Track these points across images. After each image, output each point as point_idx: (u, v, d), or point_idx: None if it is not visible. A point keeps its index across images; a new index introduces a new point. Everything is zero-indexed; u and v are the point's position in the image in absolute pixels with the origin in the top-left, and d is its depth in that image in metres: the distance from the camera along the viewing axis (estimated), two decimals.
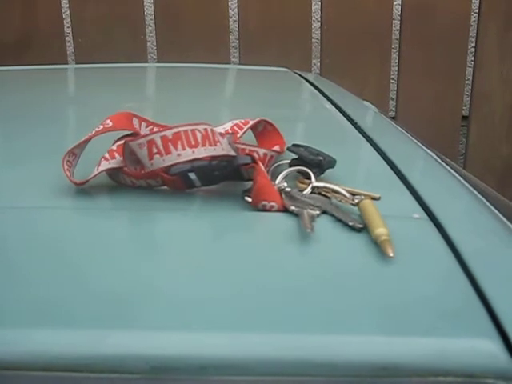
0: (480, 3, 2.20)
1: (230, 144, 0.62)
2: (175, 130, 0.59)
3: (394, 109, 2.31)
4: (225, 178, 0.60)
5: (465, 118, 2.32)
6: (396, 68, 2.26)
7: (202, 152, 0.59)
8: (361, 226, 0.54)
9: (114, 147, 0.63)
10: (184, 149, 0.59)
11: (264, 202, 0.58)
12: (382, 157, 0.76)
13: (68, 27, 2.13)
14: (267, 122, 0.74)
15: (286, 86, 1.30)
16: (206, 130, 0.60)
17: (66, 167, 0.60)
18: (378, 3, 2.17)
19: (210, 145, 0.60)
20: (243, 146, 0.65)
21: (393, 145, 0.84)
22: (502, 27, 2.20)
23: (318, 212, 0.57)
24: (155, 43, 2.17)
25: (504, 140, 2.29)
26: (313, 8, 2.18)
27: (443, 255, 0.52)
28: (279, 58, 2.03)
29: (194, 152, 0.59)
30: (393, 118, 2.26)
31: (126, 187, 0.61)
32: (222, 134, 0.63)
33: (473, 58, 2.27)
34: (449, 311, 0.45)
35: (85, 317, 0.40)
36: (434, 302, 0.46)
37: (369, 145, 0.81)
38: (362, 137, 0.85)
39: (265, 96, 1.13)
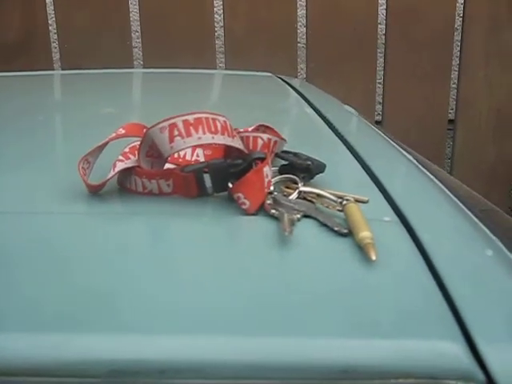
0: (464, 7, 2.21)
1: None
2: (197, 115, 0.60)
3: (380, 113, 2.32)
4: (239, 176, 0.60)
5: (451, 121, 2.33)
6: (382, 72, 2.27)
7: (221, 139, 0.60)
8: (345, 230, 0.54)
9: (127, 149, 0.64)
10: (204, 133, 0.59)
11: (239, 195, 0.58)
12: (358, 161, 0.76)
13: (54, 33, 2.13)
14: (265, 126, 0.74)
15: (268, 91, 1.30)
16: (225, 121, 0.61)
17: (81, 172, 0.60)
18: (363, 8, 2.18)
19: (229, 136, 0.61)
20: (247, 134, 0.67)
21: (369, 149, 0.84)
22: (486, 31, 2.21)
23: (298, 216, 0.57)
24: (141, 49, 2.17)
25: (490, 143, 2.30)
26: (298, 13, 2.19)
27: (411, 257, 0.52)
28: (266, 62, 2.04)
29: (213, 138, 0.60)
30: (379, 123, 2.27)
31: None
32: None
33: (458, 62, 2.28)
34: (413, 313, 0.45)
35: (48, 319, 0.40)
36: (398, 304, 0.46)
37: (345, 149, 0.82)
38: (339, 141, 0.85)
39: (246, 101, 1.13)
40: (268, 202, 0.59)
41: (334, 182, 0.65)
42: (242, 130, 0.72)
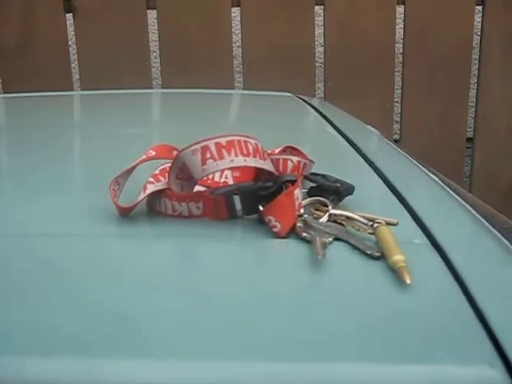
0: (482, 25, 2.21)
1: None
2: (229, 138, 0.60)
3: (398, 131, 2.32)
4: (269, 199, 0.60)
5: (469, 139, 2.32)
6: (400, 91, 2.27)
7: (253, 162, 0.61)
8: (378, 254, 0.54)
9: (157, 171, 0.64)
10: (237, 155, 0.59)
11: (270, 218, 0.58)
12: (384, 182, 0.76)
13: (74, 54, 2.15)
14: (292, 147, 0.74)
15: (289, 112, 1.30)
16: (256, 144, 0.62)
17: (112, 194, 0.61)
18: (381, 27, 2.18)
19: (260, 158, 0.61)
20: (277, 156, 0.67)
21: (395, 170, 0.84)
22: (504, 48, 2.21)
23: (330, 239, 0.57)
24: (160, 69, 2.19)
25: (509, 161, 2.29)
26: (316, 32, 2.19)
27: (444, 280, 0.52)
28: (283, 82, 2.04)
29: (245, 160, 0.60)
30: (397, 141, 2.27)
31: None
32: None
33: (476, 80, 2.28)
34: (449, 338, 0.45)
35: (83, 342, 0.40)
36: (433, 328, 0.46)
37: (371, 170, 0.82)
38: (364, 162, 0.85)
39: (268, 121, 1.13)
40: (299, 224, 0.59)
41: (362, 204, 0.65)
42: (269, 151, 0.72)
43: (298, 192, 0.61)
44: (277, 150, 0.73)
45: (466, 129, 2.31)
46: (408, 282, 0.50)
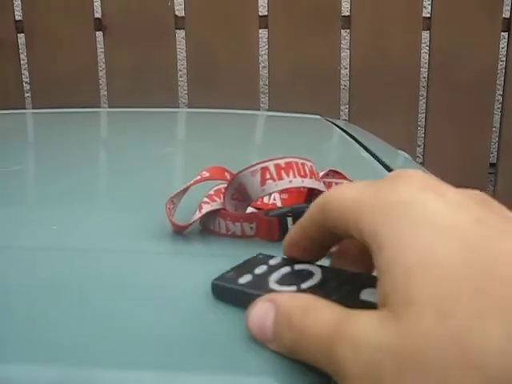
0: (507, 51, 2.23)
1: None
2: (287, 159, 0.62)
3: (421, 156, 2.33)
4: None
5: (492, 165, 2.33)
6: (423, 115, 2.28)
7: (310, 183, 0.62)
8: None
9: (212, 192, 0.66)
10: (295, 177, 0.61)
11: None
12: None
13: (101, 70, 2.19)
14: (335, 171, 0.76)
15: (320, 133, 1.32)
16: (311, 166, 0.63)
17: (168, 212, 0.62)
18: (406, 51, 2.20)
19: (315, 180, 0.63)
20: (330, 180, 0.69)
21: None
22: None
23: None
24: (186, 88, 2.21)
25: None
26: (341, 55, 2.21)
27: None
28: (308, 103, 2.06)
29: (303, 181, 0.62)
30: (420, 165, 2.28)
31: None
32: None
33: (500, 105, 2.28)
34: None
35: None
36: None
37: None
38: None
39: (301, 143, 1.15)
40: None
41: None
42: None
43: None
44: (321, 174, 0.74)
45: (489, 154, 2.32)
46: None
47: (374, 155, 1.06)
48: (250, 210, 0.64)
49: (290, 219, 0.61)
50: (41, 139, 1.21)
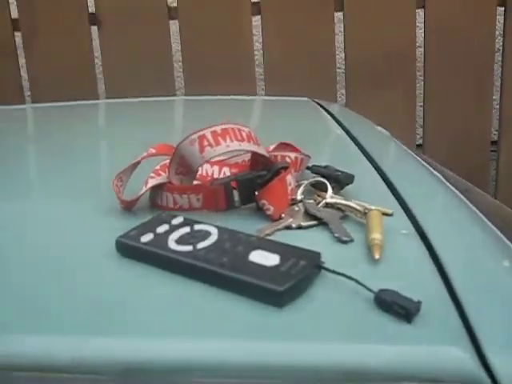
0: (504, 26, 2.20)
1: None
2: (223, 126, 0.64)
3: (421, 136, 2.31)
4: (264, 186, 0.64)
5: (494, 142, 2.31)
6: (422, 95, 2.26)
7: (248, 146, 0.64)
8: (347, 239, 0.57)
9: (158, 167, 0.68)
10: (232, 141, 0.63)
11: (264, 202, 0.62)
12: (383, 178, 0.78)
13: (97, 61, 2.20)
14: (286, 143, 0.77)
15: (302, 115, 1.32)
16: (249, 131, 0.65)
17: (115, 189, 0.64)
18: (401, 30, 2.18)
19: (254, 143, 0.65)
20: (275, 153, 0.71)
21: (397, 168, 0.86)
22: None
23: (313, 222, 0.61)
24: (183, 78, 2.22)
25: None
26: (336, 38, 2.20)
27: (423, 264, 0.54)
28: (305, 88, 2.05)
29: (240, 145, 0.64)
30: (421, 146, 2.27)
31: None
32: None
33: (500, 82, 2.26)
34: (420, 318, 0.46)
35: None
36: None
37: (372, 168, 0.83)
38: (365, 160, 0.86)
39: (280, 124, 1.15)
40: (296, 208, 0.63)
41: (359, 198, 0.67)
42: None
43: (290, 178, 0.64)
44: (271, 147, 0.75)
45: (491, 131, 2.29)
46: (377, 257, 0.52)
47: (348, 133, 1.07)
48: (196, 183, 0.66)
49: (235, 192, 0.62)
50: None
